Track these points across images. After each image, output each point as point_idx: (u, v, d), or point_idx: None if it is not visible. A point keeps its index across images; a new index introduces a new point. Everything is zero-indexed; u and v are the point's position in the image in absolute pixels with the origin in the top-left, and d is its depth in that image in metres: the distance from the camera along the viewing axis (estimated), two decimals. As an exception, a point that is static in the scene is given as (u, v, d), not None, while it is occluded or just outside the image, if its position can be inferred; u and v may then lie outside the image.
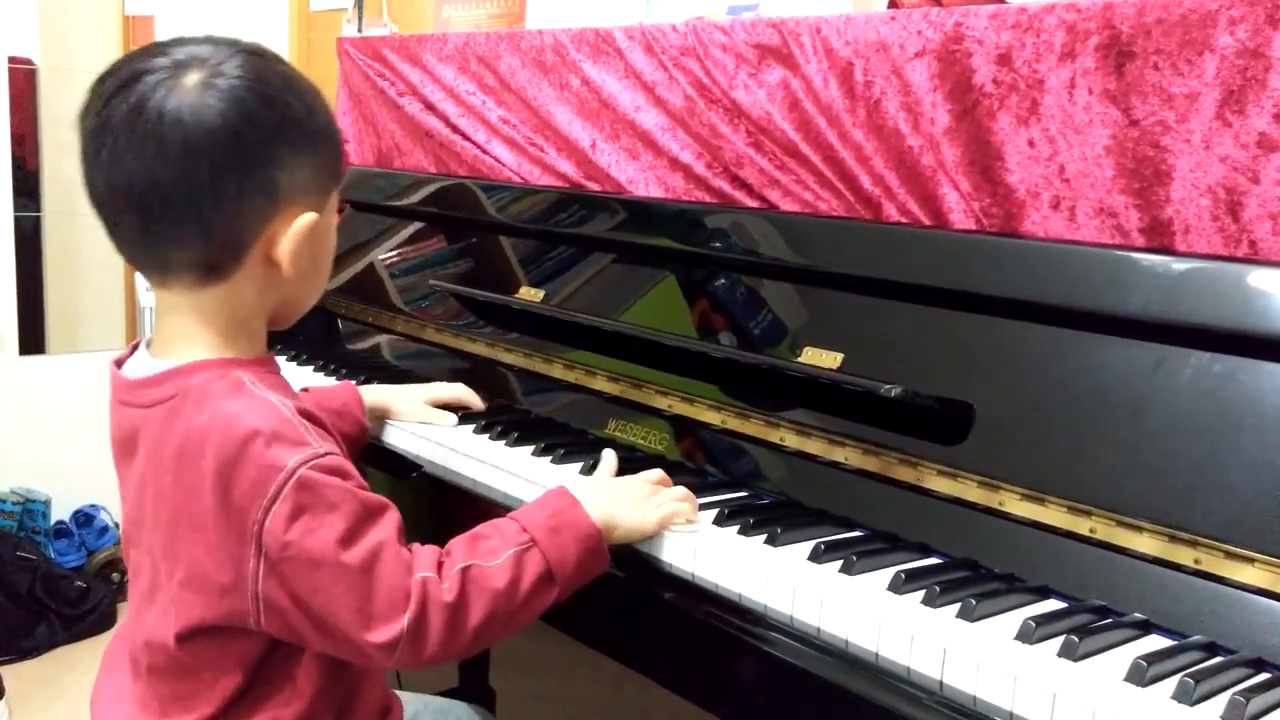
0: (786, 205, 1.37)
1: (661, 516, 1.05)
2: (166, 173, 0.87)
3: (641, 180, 1.56)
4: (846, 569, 0.98)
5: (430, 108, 1.93)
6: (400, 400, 1.39)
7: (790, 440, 1.18)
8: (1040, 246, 1.11)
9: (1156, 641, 0.88)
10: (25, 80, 2.85)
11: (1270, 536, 0.87)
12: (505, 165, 1.78)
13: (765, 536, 1.04)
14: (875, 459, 1.10)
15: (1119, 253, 1.04)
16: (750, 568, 0.99)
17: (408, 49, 1.97)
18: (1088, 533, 0.95)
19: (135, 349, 0.99)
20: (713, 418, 1.25)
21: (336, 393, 1.33)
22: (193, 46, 0.91)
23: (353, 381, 1.38)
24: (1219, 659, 0.84)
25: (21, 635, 2.59)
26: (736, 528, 1.06)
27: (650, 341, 1.34)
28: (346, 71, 2.12)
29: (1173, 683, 0.79)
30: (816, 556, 1.00)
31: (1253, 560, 0.87)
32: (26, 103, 2.85)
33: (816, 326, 1.23)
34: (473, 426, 1.36)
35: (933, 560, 1.02)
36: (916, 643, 0.87)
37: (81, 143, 0.90)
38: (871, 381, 1.11)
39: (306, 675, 0.94)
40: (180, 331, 0.95)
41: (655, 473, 1.12)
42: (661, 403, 1.31)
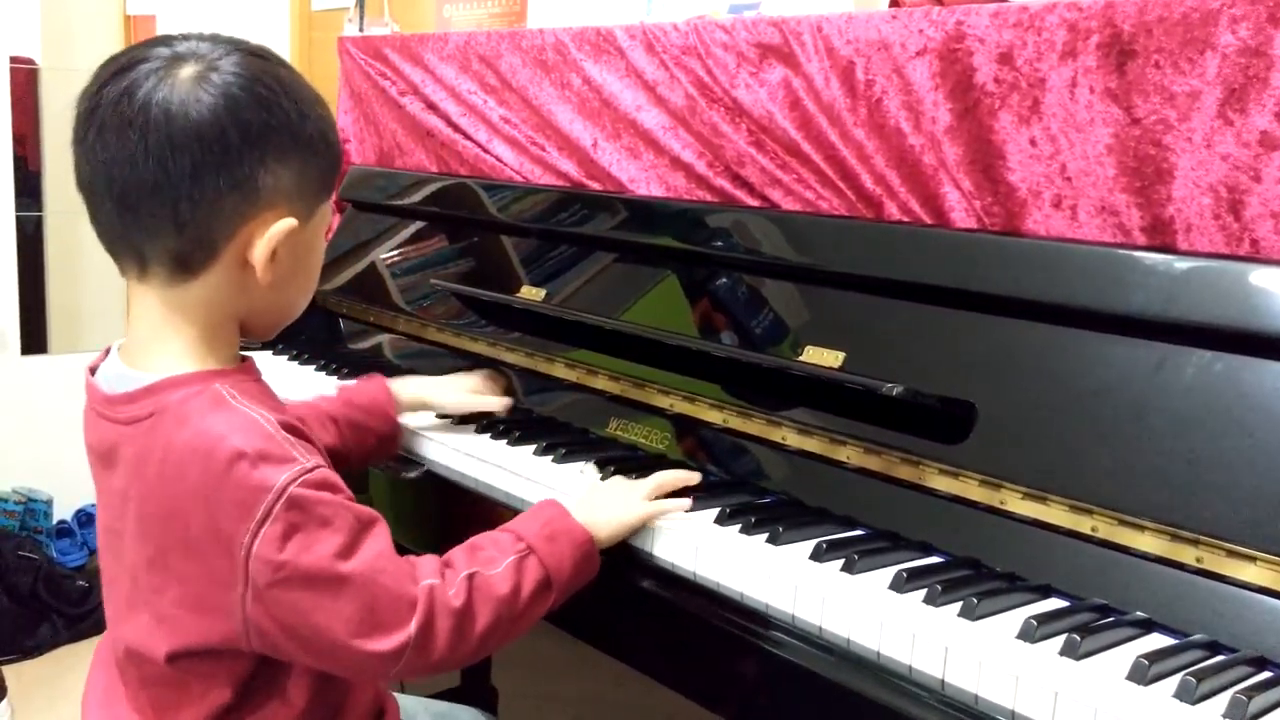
0: (788, 204, 1.37)
1: (648, 509, 1.07)
2: (146, 161, 0.86)
3: (643, 179, 1.56)
4: (848, 568, 0.98)
5: (431, 107, 1.93)
6: (441, 393, 1.36)
7: (792, 439, 1.18)
8: (1042, 245, 1.11)
9: (1158, 640, 0.88)
10: (27, 80, 2.85)
11: (1272, 535, 0.87)
12: (506, 164, 1.78)
13: (767, 535, 1.04)
14: (877, 458, 1.10)
15: (1120, 251, 1.04)
16: (752, 566, 0.99)
17: (409, 48, 1.97)
18: (1089, 531, 0.95)
19: (108, 353, 0.97)
20: (714, 417, 1.25)
21: (365, 388, 1.31)
22: (195, 42, 0.91)
23: (383, 376, 1.35)
24: (1221, 658, 0.84)
25: (24, 635, 2.59)
26: (738, 527, 1.06)
27: (652, 341, 1.34)
28: (348, 71, 2.13)
29: (1174, 681, 0.79)
30: (818, 555, 1.00)
31: (1254, 559, 0.87)
32: (28, 102, 2.85)
33: (818, 325, 1.23)
34: (474, 426, 1.36)
35: (934, 559, 1.02)
36: (918, 641, 0.87)
37: (74, 125, 0.90)
38: (873, 380, 1.11)
39: (297, 687, 0.93)
40: (153, 333, 0.93)
41: (662, 476, 1.13)
42: (663, 402, 1.31)
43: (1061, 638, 0.85)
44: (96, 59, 0.93)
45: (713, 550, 1.02)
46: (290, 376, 1.66)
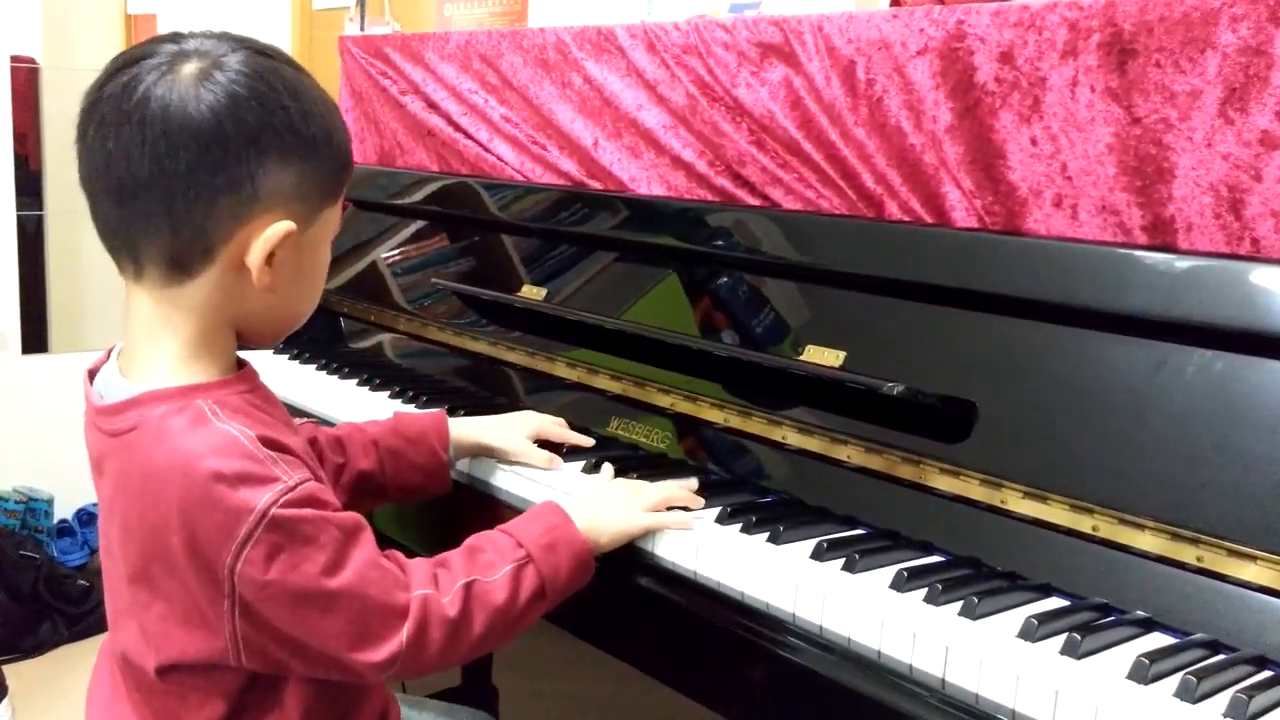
0: (788, 204, 1.37)
1: (651, 516, 1.06)
2: (143, 157, 0.85)
3: (644, 179, 1.56)
4: (849, 567, 0.98)
5: (432, 106, 1.93)
6: (497, 435, 1.25)
7: (792, 438, 1.18)
8: (1042, 245, 1.11)
9: (1159, 639, 0.88)
10: (28, 79, 2.85)
11: (1272, 534, 0.87)
12: (507, 164, 1.78)
13: (768, 535, 1.04)
14: (877, 457, 1.10)
15: (1121, 251, 1.04)
16: (753, 566, 0.99)
17: (410, 47, 1.97)
18: (1090, 531, 0.95)
19: (110, 355, 0.96)
20: (715, 416, 1.25)
21: (418, 419, 1.25)
22: (202, 39, 0.90)
23: (444, 412, 1.27)
24: (1221, 657, 0.84)
25: (25, 634, 2.59)
26: (739, 526, 1.06)
27: (652, 340, 1.34)
28: (349, 70, 2.13)
29: (1175, 680, 0.79)
30: (819, 555, 1.00)
31: (1255, 558, 0.87)
32: (29, 101, 2.85)
33: (819, 325, 1.23)
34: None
35: (935, 558, 1.02)
36: (919, 641, 0.87)
37: (77, 121, 0.89)
38: (874, 379, 1.11)
39: (293, 698, 0.92)
40: (147, 336, 0.91)
41: (668, 491, 1.11)
42: (664, 401, 1.31)
43: (1062, 637, 0.85)
44: (97, 58, 0.93)
45: (713, 550, 1.02)
46: (291, 376, 1.66)
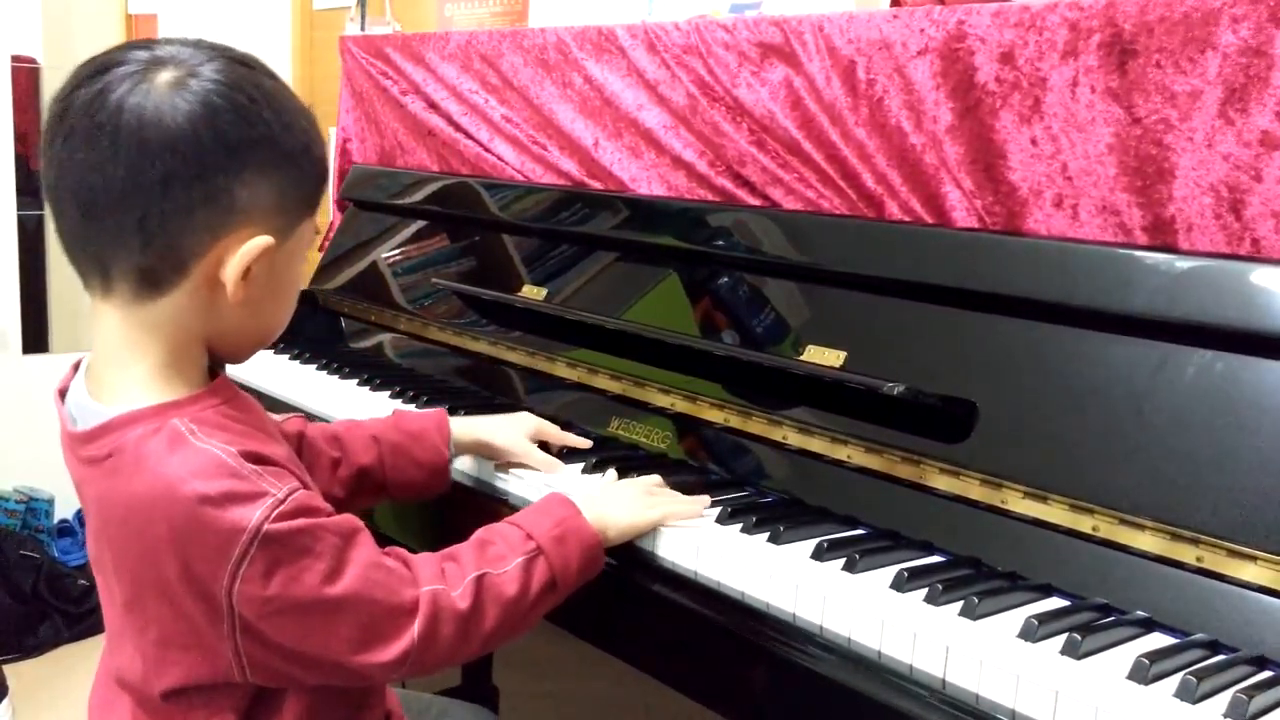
0: (789, 204, 1.37)
1: (659, 515, 1.06)
2: (115, 169, 0.82)
3: (644, 179, 1.56)
4: (849, 567, 0.98)
5: (433, 106, 1.93)
6: (499, 434, 1.24)
7: (793, 438, 1.18)
8: (1043, 245, 1.11)
9: (1159, 639, 0.88)
10: (28, 79, 2.85)
11: (1272, 534, 0.87)
12: (508, 164, 1.78)
13: (768, 535, 1.04)
14: (878, 457, 1.10)
15: (1121, 251, 1.04)
16: (753, 566, 0.99)
17: (410, 47, 1.97)
18: (1090, 531, 0.96)
19: (76, 369, 0.93)
20: (715, 416, 1.26)
21: (421, 418, 1.24)
22: (177, 46, 0.86)
23: (445, 411, 1.27)
24: (1221, 657, 0.84)
25: (25, 634, 2.59)
26: (739, 526, 1.06)
27: (653, 340, 1.34)
28: (349, 70, 2.13)
29: (1175, 680, 0.79)
30: (819, 554, 1.00)
31: (1255, 558, 0.87)
32: (30, 101, 2.86)
33: (819, 325, 1.23)
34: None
35: (935, 558, 1.02)
36: (919, 641, 0.87)
37: (44, 128, 0.86)
38: (874, 380, 1.11)
39: (295, 710, 0.91)
40: (116, 355, 0.88)
41: (654, 478, 1.12)
42: (664, 401, 1.31)
43: (1062, 637, 0.85)
44: (98, 58, 0.91)
45: (714, 550, 1.02)
46: (291, 376, 1.66)
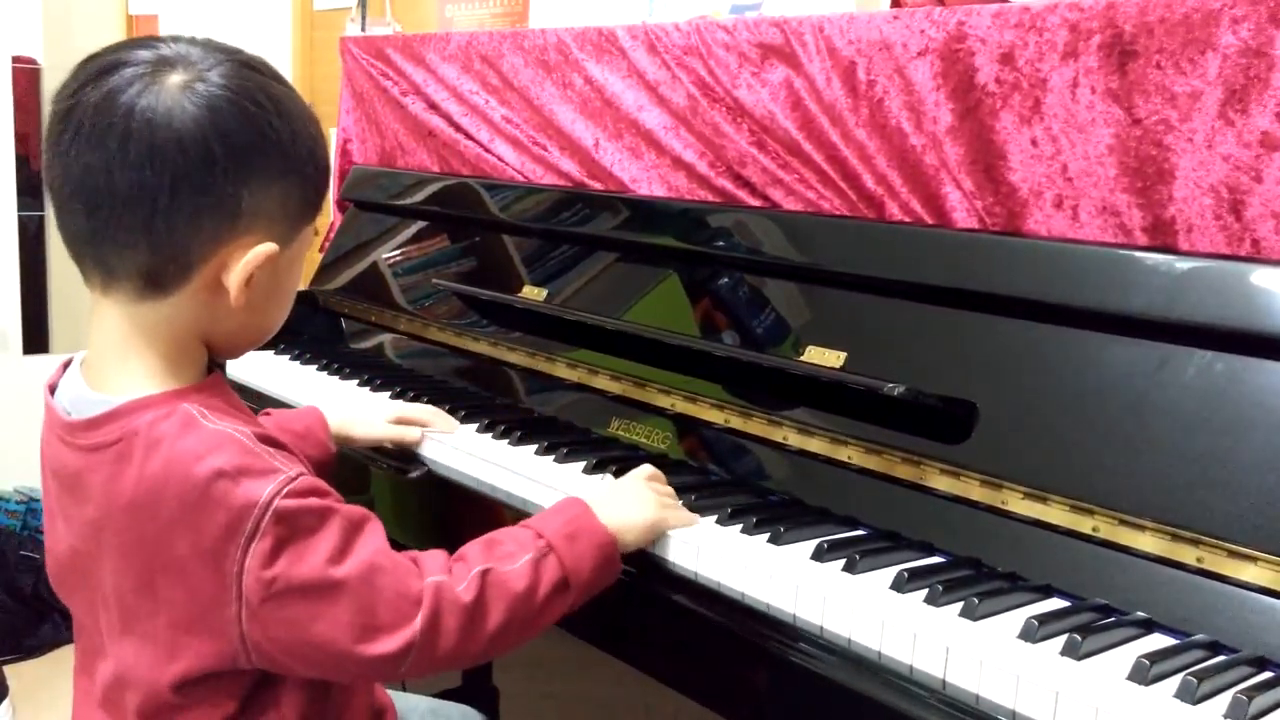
0: (789, 204, 1.37)
1: (678, 514, 1.06)
2: (123, 172, 0.81)
3: (644, 179, 1.56)
4: (849, 568, 0.98)
5: (433, 107, 1.93)
6: (359, 425, 1.31)
7: (793, 439, 1.18)
8: (1043, 245, 1.11)
9: (1159, 640, 0.88)
10: (29, 79, 2.85)
11: (1273, 535, 0.87)
12: (508, 164, 1.78)
13: (768, 535, 1.04)
14: (878, 458, 1.10)
15: (1121, 252, 1.04)
16: (753, 566, 0.99)
17: (411, 48, 1.97)
18: (1090, 531, 0.96)
19: (67, 367, 0.93)
20: (715, 417, 1.26)
21: (301, 416, 1.26)
22: (185, 46, 0.86)
23: (317, 406, 1.30)
24: (1221, 658, 0.84)
25: (25, 634, 2.59)
26: (739, 527, 1.06)
27: (653, 340, 1.34)
28: (350, 71, 2.13)
29: (1175, 681, 0.79)
30: (819, 555, 1.00)
31: (1255, 559, 0.87)
32: (30, 102, 2.86)
33: (819, 325, 1.23)
34: (475, 426, 1.36)
35: (935, 559, 1.02)
36: (919, 641, 0.87)
37: (47, 123, 0.85)
38: (874, 380, 1.11)
39: (291, 699, 0.91)
40: (115, 351, 0.88)
41: (646, 468, 1.11)
42: (664, 402, 1.31)
43: (1062, 638, 0.85)
44: (98, 59, 0.90)
45: (714, 550, 1.02)
46: (291, 376, 1.66)
